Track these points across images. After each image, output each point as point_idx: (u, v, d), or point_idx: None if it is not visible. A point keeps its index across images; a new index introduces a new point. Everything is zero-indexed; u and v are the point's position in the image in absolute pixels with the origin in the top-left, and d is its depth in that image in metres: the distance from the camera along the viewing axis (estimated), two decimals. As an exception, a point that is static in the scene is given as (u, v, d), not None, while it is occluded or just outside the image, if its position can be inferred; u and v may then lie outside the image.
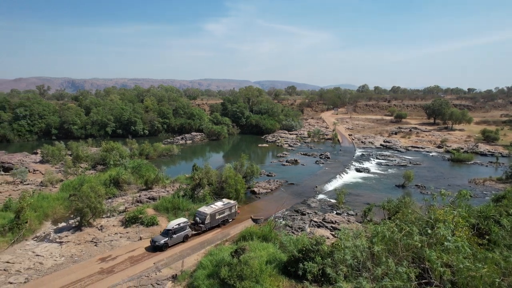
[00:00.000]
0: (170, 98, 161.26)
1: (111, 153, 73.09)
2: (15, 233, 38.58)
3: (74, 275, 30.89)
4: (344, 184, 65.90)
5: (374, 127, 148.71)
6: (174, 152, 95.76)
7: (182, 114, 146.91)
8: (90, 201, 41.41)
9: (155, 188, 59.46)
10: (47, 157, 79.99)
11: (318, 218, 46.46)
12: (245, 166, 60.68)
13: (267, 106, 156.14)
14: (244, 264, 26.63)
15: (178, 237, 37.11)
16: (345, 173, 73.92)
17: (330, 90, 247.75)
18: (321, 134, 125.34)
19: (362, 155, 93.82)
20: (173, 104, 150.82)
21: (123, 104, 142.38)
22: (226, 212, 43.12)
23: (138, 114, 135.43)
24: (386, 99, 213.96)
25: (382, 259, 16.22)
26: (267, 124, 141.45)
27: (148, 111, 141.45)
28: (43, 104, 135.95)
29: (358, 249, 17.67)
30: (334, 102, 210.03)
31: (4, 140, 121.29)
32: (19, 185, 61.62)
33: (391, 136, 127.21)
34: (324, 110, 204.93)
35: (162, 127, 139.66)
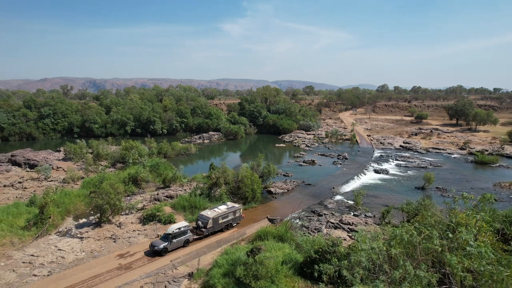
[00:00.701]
0: (188, 98, 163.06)
1: (130, 151, 74.51)
2: (39, 227, 39.89)
3: (94, 270, 31.65)
4: (362, 186, 64.89)
5: (393, 128, 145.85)
6: (191, 151, 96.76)
7: (200, 114, 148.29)
8: (110, 198, 42.35)
9: (173, 186, 60.21)
10: (69, 155, 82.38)
11: (335, 219, 45.91)
12: (261, 166, 60.67)
13: (284, 106, 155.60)
14: (259, 264, 26.58)
15: (178, 241, 35.73)
16: (363, 174, 72.78)
17: (349, 90, 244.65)
18: (339, 135, 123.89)
19: (380, 156, 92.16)
20: (191, 103, 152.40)
21: (143, 104, 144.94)
22: (230, 216, 41.43)
23: (157, 113, 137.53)
24: (406, 99, 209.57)
25: (399, 263, 15.84)
26: (284, 124, 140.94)
27: (167, 110, 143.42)
28: (66, 103, 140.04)
29: (375, 251, 17.33)
30: (352, 102, 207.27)
31: (30, 138, 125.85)
32: (43, 181, 63.67)
33: (411, 137, 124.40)
34: (342, 110, 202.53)
35: (180, 127, 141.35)
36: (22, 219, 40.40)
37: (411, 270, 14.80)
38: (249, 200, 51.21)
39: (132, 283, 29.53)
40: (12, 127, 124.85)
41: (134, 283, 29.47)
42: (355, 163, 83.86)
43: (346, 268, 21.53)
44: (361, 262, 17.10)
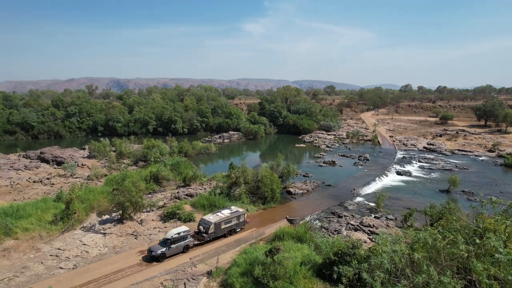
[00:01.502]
0: (209, 98, 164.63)
1: (152, 150, 75.97)
2: (65, 222, 41.32)
3: (116, 265, 32.48)
4: (383, 187, 63.58)
5: (417, 129, 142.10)
6: (211, 150, 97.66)
7: (220, 113, 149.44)
8: (131, 196, 43.32)
9: (193, 185, 60.92)
10: (93, 153, 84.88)
11: (355, 221, 45.19)
12: (281, 166, 60.50)
13: (305, 106, 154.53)
14: (278, 264, 26.50)
15: (177, 247, 34.36)
16: (385, 176, 71.30)
17: (371, 90, 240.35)
18: (361, 135, 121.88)
19: (403, 158, 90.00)
20: (212, 103, 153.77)
21: (164, 103, 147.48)
22: (234, 221, 39.67)
23: (178, 113, 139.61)
24: (431, 100, 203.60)
25: (423, 267, 15.37)
26: (305, 124, 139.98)
27: (188, 110, 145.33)
28: (91, 102, 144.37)
29: (397, 255, 16.89)
30: (374, 102, 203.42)
31: (57, 136, 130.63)
32: (69, 178, 65.87)
33: (435, 138, 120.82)
34: (364, 111, 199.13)
35: (201, 126, 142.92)
36: (50, 213, 41.94)
37: (435, 275, 14.34)
38: (268, 200, 51.17)
39: (153, 279, 30.09)
40: (41, 125, 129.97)
41: (154, 279, 30.01)
42: (377, 164, 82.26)
43: (366, 271, 21.11)
44: (382, 265, 16.71)
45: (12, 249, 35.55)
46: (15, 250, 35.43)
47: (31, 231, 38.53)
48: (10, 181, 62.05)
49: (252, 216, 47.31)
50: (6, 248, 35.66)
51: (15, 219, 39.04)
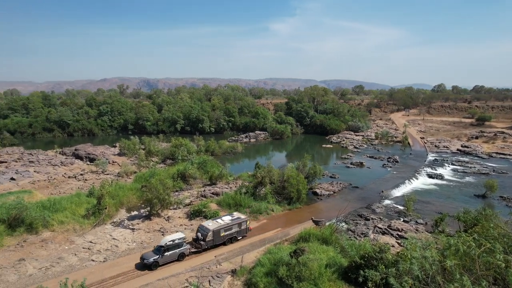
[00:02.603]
0: (236, 97, 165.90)
1: (179, 148, 77.53)
2: (96, 217, 43.00)
3: (143, 260, 33.37)
4: (413, 190, 61.51)
5: (450, 130, 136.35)
6: (238, 150, 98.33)
7: (247, 113, 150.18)
8: (159, 193, 44.40)
9: (219, 184, 61.58)
10: (123, 150, 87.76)
11: (383, 225, 44.01)
12: (307, 166, 59.92)
13: (332, 106, 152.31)
14: (303, 265, 26.26)
15: (171, 255, 32.51)
16: (415, 178, 68.93)
17: (401, 90, 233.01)
18: (390, 136, 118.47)
19: (435, 160, 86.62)
20: (239, 103, 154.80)
21: (192, 103, 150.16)
22: (234, 228, 37.61)
23: (206, 112, 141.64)
24: (466, 100, 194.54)
25: (455, 275, 14.70)
26: (332, 124, 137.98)
27: (215, 109, 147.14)
28: (122, 102, 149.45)
29: (427, 261, 16.27)
30: (405, 102, 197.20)
31: (90, 134, 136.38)
32: (100, 174, 68.48)
33: (470, 140, 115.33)
34: (394, 111, 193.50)
35: (228, 125, 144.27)
36: (83, 208, 43.78)
37: (469, 285, 13.68)
38: (294, 200, 50.86)
39: (178, 275, 30.68)
40: (76, 123, 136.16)
41: (180, 276, 30.59)
42: (407, 166, 79.72)
43: (394, 276, 20.51)
44: (411, 271, 16.14)
45: (49, 240, 37.47)
46: (52, 241, 37.30)
47: (66, 224, 40.43)
48: (47, 176, 65.40)
49: (277, 216, 47.24)
50: (44, 239, 37.63)
51: (52, 212, 41.08)
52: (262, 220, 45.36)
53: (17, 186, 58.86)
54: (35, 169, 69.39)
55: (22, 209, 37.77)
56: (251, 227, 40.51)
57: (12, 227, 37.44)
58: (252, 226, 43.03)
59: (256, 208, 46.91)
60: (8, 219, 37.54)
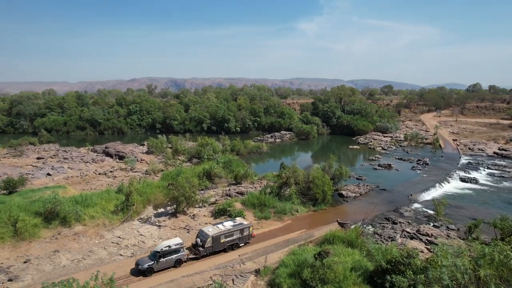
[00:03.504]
0: (261, 97, 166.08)
1: (205, 148, 78.57)
2: (125, 213, 44.39)
3: (169, 256, 34.05)
4: (444, 194, 59.18)
5: (486, 132, 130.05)
6: (263, 149, 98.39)
7: (272, 113, 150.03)
8: (185, 191, 45.21)
9: (244, 183, 61.88)
10: (151, 149, 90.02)
11: (411, 229, 42.63)
12: (333, 167, 59.06)
13: (360, 106, 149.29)
14: (327, 268, 25.94)
15: (167, 261, 31.36)
16: (446, 182, 66.30)
17: (433, 90, 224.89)
18: (420, 138, 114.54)
19: (468, 164, 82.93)
20: (264, 103, 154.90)
21: (218, 102, 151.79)
22: (236, 235, 35.96)
23: (232, 112, 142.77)
24: (505, 100, 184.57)
25: (490, 286, 13.98)
26: (359, 125, 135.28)
27: (241, 109, 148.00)
28: (150, 101, 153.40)
29: (459, 269, 15.58)
30: (436, 103, 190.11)
31: (120, 132, 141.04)
32: (129, 171, 70.57)
33: (509, 143, 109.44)
34: (424, 112, 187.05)
35: (253, 125, 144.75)
36: (112, 204, 45.28)
37: (504, 295, 12.99)
38: (319, 201, 50.28)
39: (202, 273, 31.11)
40: (107, 122, 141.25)
41: (204, 273, 31.00)
42: (438, 169, 76.82)
43: (422, 283, 19.83)
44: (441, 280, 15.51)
45: (81, 234, 39.08)
46: (83, 235, 38.88)
47: (96, 219, 42.00)
48: (80, 172, 68.18)
49: (302, 217, 46.87)
50: (76, 232, 39.29)
51: (83, 207, 42.80)
52: (286, 220, 45.16)
53: (52, 181, 61.73)
54: (69, 166, 72.52)
55: (57, 203, 39.62)
56: (254, 233, 38.50)
57: (48, 220, 39.37)
58: (276, 226, 42.97)
59: (281, 209, 46.76)
60: (44, 212, 39.51)
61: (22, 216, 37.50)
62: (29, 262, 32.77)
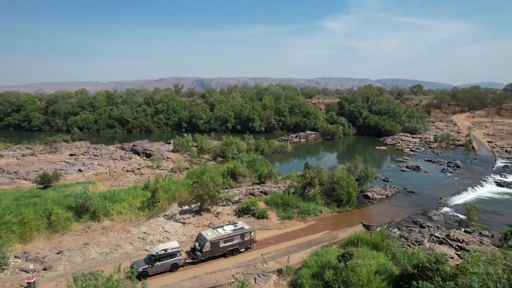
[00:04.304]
0: (286, 97, 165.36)
1: (230, 147, 79.15)
2: (150, 209, 45.52)
3: (193, 253, 34.56)
4: (477, 199, 56.64)
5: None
6: (287, 149, 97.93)
7: (297, 113, 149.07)
8: (209, 189, 45.79)
9: (267, 183, 61.83)
10: (177, 147, 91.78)
11: (440, 234, 41.07)
12: (359, 168, 57.91)
13: (387, 106, 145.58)
14: (351, 270, 25.44)
15: (163, 265, 30.34)
16: (480, 186, 63.40)
17: (466, 90, 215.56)
18: (451, 139, 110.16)
19: (505, 167, 78.86)
20: (290, 102, 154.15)
21: (243, 102, 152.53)
22: (236, 239, 34.58)
23: (256, 111, 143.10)
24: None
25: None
26: (387, 125, 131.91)
27: (266, 108, 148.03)
28: (177, 100, 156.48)
29: (491, 278, 14.81)
30: (470, 103, 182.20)
31: (147, 131, 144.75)
32: (155, 169, 72.24)
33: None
34: (456, 112, 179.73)
35: (278, 125, 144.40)
36: (139, 200, 46.54)
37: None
38: (344, 203, 49.46)
39: (225, 270, 31.34)
40: (135, 120, 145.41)
41: (227, 271, 31.23)
42: (470, 172, 73.60)
43: (452, 290, 19.03)
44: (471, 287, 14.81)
45: (109, 228, 40.42)
46: (111, 230, 40.19)
47: (123, 215, 43.31)
48: (109, 169, 70.55)
49: (325, 218, 46.28)
50: (105, 227, 40.69)
51: (112, 202, 44.23)
52: (310, 221, 44.72)
53: (83, 177, 64.25)
54: (99, 162, 75.21)
55: (87, 198, 41.18)
56: (256, 238, 36.86)
57: (79, 214, 41.01)
58: (299, 227, 42.62)
59: (304, 209, 46.37)
60: (75, 207, 41.18)
61: (55, 210, 39.29)
62: (62, 253, 34.33)
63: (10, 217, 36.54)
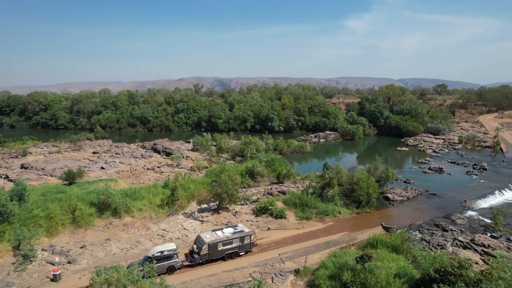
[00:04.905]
0: (306, 96, 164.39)
1: (248, 146, 79.42)
2: (170, 207, 46.24)
3: (211, 251, 34.89)
4: (505, 203, 54.51)
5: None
6: (306, 149, 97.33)
7: (317, 113, 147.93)
8: (228, 188, 46.08)
9: (286, 182, 61.65)
10: (197, 146, 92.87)
11: (464, 238, 39.79)
12: (379, 169, 56.93)
13: (409, 106, 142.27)
14: (369, 272, 25.05)
15: (158, 267, 29.00)
16: (508, 189, 60.98)
17: (494, 89, 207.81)
18: (477, 141, 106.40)
19: (534, 170, 75.57)
20: (309, 102, 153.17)
21: (262, 101, 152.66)
22: (235, 243, 33.64)
23: (275, 111, 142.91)
24: None
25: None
26: (409, 126, 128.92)
27: (285, 108, 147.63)
28: (197, 100, 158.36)
29: (518, 283, 14.27)
30: (498, 103, 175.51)
31: (167, 130, 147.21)
32: (175, 167, 73.35)
33: None
34: (483, 113, 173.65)
35: (297, 125, 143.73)
36: (158, 198, 47.36)
37: None
38: (363, 204, 48.72)
39: (243, 269, 31.50)
40: (155, 120, 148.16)
41: (244, 270, 31.38)
42: (498, 175, 70.92)
43: (475, 296, 18.43)
44: (496, 293, 14.32)
45: (130, 225, 41.36)
46: (132, 226, 41.11)
47: (143, 212, 44.23)
48: (130, 167, 72.18)
49: (344, 219, 45.73)
50: (126, 223, 41.66)
51: (132, 199, 45.22)
52: (328, 222, 44.31)
53: (105, 174, 66.01)
54: (120, 160, 77.07)
55: (109, 195, 42.29)
56: (257, 242, 35.91)
57: (101, 210, 42.18)
58: (317, 227, 42.29)
59: (323, 210, 45.99)
60: (98, 203, 42.38)
61: (79, 206, 40.58)
62: (85, 247, 35.45)
63: (38, 211, 38.12)
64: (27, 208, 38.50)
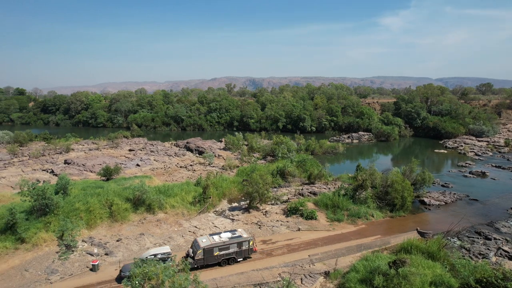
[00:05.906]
0: (339, 96, 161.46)
1: (280, 146, 79.20)
2: (201, 204, 47.14)
3: (240, 249, 35.14)
4: (555, 211, 50.57)
5: None
6: (339, 150, 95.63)
7: (350, 113, 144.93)
8: (259, 188, 46.22)
9: (317, 183, 60.88)
10: (228, 145, 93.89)
11: (510, 248, 37.34)
12: (415, 172, 54.83)
13: (449, 107, 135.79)
14: (402, 278, 24.20)
15: None
16: (558, 196, 56.55)
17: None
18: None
19: None
20: (342, 102, 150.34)
21: (294, 101, 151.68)
22: (233, 248, 32.47)
23: (307, 111, 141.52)
24: None
25: None
26: (448, 127, 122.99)
27: (317, 108, 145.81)
28: (229, 100, 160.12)
29: None
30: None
31: (200, 129, 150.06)
32: (207, 166, 74.60)
33: None
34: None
35: (329, 125, 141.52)
36: (190, 195, 48.42)
37: None
38: (397, 207, 47.08)
39: (272, 269, 31.48)
40: (189, 119, 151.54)
41: (273, 269, 31.34)
42: (547, 181, 65.94)
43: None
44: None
45: (163, 221, 42.60)
46: (165, 222, 42.32)
47: (176, 208, 45.40)
48: (164, 165, 74.27)
49: (377, 222, 44.45)
50: (159, 219, 42.95)
51: (165, 196, 46.59)
52: (360, 224, 43.27)
53: (140, 171, 68.39)
54: (155, 158, 79.54)
55: (144, 191, 43.82)
56: (256, 248, 34.58)
57: (136, 206, 43.82)
58: (349, 230, 41.41)
59: (355, 212, 44.97)
60: (133, 199, 44.04)
61: (116, 201, 42.42)
62: (121, 241, 36.97)
63: (79, 205, 40.29)
64: (69, 201, 40.84)
